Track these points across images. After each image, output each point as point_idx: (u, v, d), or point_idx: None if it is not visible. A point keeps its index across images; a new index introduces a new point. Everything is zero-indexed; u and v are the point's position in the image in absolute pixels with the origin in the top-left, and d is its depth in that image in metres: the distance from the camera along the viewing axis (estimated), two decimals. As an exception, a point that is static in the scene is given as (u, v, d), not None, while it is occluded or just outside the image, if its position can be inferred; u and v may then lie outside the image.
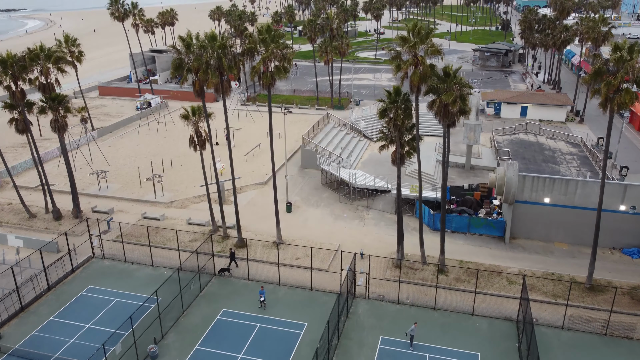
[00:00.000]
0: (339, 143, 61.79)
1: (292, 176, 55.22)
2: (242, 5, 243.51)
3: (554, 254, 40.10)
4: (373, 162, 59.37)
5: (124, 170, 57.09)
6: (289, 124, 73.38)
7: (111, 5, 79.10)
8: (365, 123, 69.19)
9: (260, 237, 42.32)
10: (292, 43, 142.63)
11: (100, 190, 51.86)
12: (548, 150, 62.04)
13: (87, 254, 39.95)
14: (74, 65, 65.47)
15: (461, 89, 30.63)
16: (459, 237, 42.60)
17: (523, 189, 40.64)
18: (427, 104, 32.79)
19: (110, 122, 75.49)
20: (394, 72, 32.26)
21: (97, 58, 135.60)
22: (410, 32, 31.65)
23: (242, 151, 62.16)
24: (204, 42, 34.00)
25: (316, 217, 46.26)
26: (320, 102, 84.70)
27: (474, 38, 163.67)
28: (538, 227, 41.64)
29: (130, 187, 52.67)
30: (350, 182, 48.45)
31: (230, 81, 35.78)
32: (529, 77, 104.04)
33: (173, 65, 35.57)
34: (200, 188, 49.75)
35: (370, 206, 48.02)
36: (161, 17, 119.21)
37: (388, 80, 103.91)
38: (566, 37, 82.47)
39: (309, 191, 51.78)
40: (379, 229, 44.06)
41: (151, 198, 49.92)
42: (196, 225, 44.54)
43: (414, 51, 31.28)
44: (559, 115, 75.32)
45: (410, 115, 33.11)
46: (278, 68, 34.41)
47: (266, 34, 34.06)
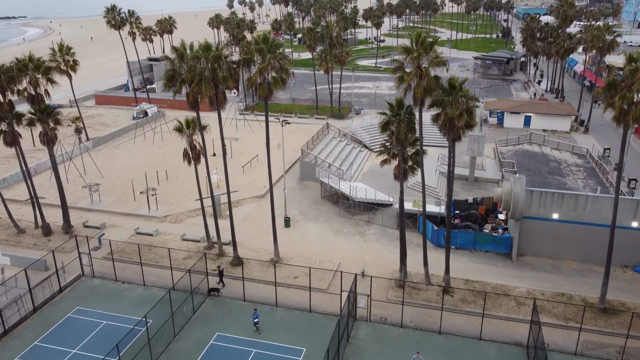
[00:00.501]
0: (338, 154, 60.27)
1: (291, 189, 53.65)
2: (242, 13, 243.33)
3: (563, 273, 38.43)
4: (374, 173, 57.80)
5: (118, 183, 55.50)
6: (288, 134, 71.97)
7: (107, 13, 77.88)
8: (366, 133, 67.74)
9: (257, 254, 40.68)
10: (291, 51, 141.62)
11: (93, 203, 50.26)
12: (553, 162, 60.48)
13: (76, 272, 38.28)
14: (68, 74, 64.23)
15: (467, 102, 29.12)
16: (463, 254, 40.94)
17: (530, 205, 39.05)
18: (432, 117, 31.28)
19: (105, 132, 74.02)
20: (396, 84, 30.78)
21: (95, 66, 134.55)
22: (414, 42, 30.20)
23: (239, 162, 60.62)
24: (197, 53, 32.54)
25: (315, 233, 44.63)
26: (320, 112, 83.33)
27: (475, 46, 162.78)
28: (546, 244, 40.01)
29: (124, 201, 51.06)
30: (351, 196, 46.85)
31: (226, 93, 34.28)
32: (531, 85, 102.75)
33: (166, 76, 34.11)
34: (196, 202, 48.11)
35: (372, 221, 46.41)
36: (159, 25, 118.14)
37: (389, 89, 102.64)
38: (569, 45, 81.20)
39: (308, 205, 50.18)
40: (381, 245, 42.41)
41: (145, 212, 48.31)
42: (191, 242, 42.90)
43: (418, 62, 29.82)
44: (563, 125, 73.87)
45: (414, 128, 31.61)
46: (275, 79, 32.94)
47: (263, 44, 32.61)
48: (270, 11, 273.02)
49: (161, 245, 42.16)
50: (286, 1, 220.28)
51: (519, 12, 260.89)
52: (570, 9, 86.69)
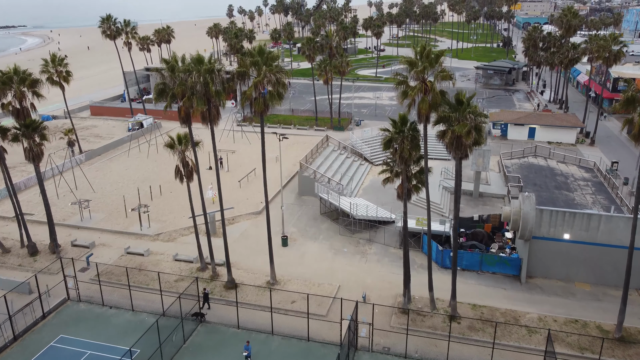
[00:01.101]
0: (338, 168, 58.39)
1: (289, 204, 51.72)
2: (242, 22, 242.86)
3: (576, 296, 36.39)
4: (375, 188, 55.86)
5: (110, 198, 53.56)
6: (286, 146, 70.12)
7: (102, 23, 76.40)
8: (366, 146, 65.92)
9: (252, 276, 38.65)
10: (291, 60, 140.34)
11: (83, 220, 48.29)
12: (560, 176, 58.58)
13: (61, 296, 36.24)
14: (61, 85, 62.57)
15: (476, 118, 27.30)
16: (470, 275, 38.92)
17: (540, 224, 37.10)
18: (437, 133, 29.43)
19: (99, 144, 72.18)
20: (399, 99, 28.97)
21: (92, 76, 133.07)
22: (418, 54, 28.43)
23: (236, 177, 58.76)
24: (189, 66, 30.75)
25: (314, 252, 42.63)
26: (320, 123, 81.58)
27: (476, 55, 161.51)
28: (557, 266, 38.01)
29: (115, 217, 49.10)
30: (351, 214, 44.90)
31: (219, 108, 32.45)
32: (534, 96, 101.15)
33: (156, 90, 32.33)
34: (190, 219, 46.16)
35: (373, 239, 44.42)
36: (157, 34, 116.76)
37: (389, 100, 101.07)
38: (574, 55, 79.65)
39: (307, 222, 48.21)
40: (383, 266, 40.40)
41: (137, 230, 46.34)
42: (183, 262, 40.87)
43: (423, 76, 28.03)
44: (569, 137, 72.08)
45: (418, 146, 29.76)
46: (271, 93, 31.12)
47: (258, 56, 30.84)
48: (270, 20, 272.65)
49: (152, 266, 40.19)
50: (286, 10, 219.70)
51: (519, 22, 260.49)
52: (574, 18, 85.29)
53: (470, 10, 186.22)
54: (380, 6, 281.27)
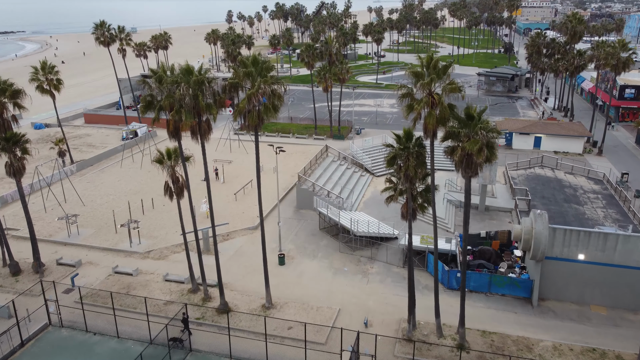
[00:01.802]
0: (338, 180, 56.18)
1: (287, 219, 49.49)
2: (241, 28, 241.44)
3: (592, 321, 34.10)
4: (376, 201, 53.62)
5: (100, 212, 51.30)
6: (285, 156, 67.94)
7: (96, 29, 74.39)
8: (367, 156, 63.74)
9: (247, 298, 36.37)
10: (290, 66, 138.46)
11: (70, 236, 46.03)
12: (569, 188, 56.41)
13: (43, 321, 33.96)
14: (51, 94, 60.54)
15: (488, 134, 25.13)
16: (478, 298, 36.62)
17: (553, 244, 34.86)
18: (445, 150, 27.26)
19: (92, 153, 70.00)
20: (404, 113, 26.81)
21: (88, 82, 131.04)
22: (424, 65, 26.31)
23: (231, 189, 56.54)
24: (177, 77, 28.61)
25: (313, 271, 40.35)
26: (319, 131, 79.44)
27: (477, 61, 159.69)
28: (571, 288, 35.74)
29: (105, 233, 46.84)
30: (352, 230, 42.65)
31: (210, 122, 30.29)
32: (538, 103, 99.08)
33: (143, 102, 30.20)
34: (182, 235, 43.92)
35: (375, 257, 42.15)
36: (154, 40, 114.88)
37: (390, 107, 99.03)
38: (580, 62, 77.65)
39: (305, 238, 45.95)
40: (385, 287, 38.11)
41: (126, 247, 44.08)
42: (174, 283, 38.56)
43: (429, 89, 25.89)
44: (576, 147, 69.93)
45: (424, 163, 27.58)
46: (266, 106, 28.96)
47: (252, 67, 28.71)
48: (270, 26, 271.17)
49: (141, 287, 37.91)
50: (285, 16, 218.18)
51: (519, 27, 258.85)
52: (579, 24, 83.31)
53: (471, 16, 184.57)
54: (380, 12, 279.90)
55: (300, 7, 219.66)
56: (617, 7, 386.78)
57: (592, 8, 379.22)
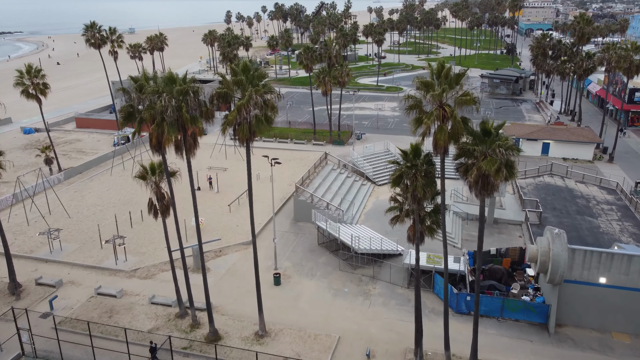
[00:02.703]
0: (338, 190, 53.32)
1: (284, 232, 46.67)
2: (240, 28, 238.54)
3: (615, 351, 31.27)
4: (378, 212, 50.78)
5: (86, 225, 48.44)
6: (283, 163, 65.18)
7: (86, 31, 71.54)
8: (368, 164, 60.85)
9: (239, 324, 33.52)
10: (289, 68, 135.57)
11: (52, 252, 43.19)
12: (580, 198, 53.59)
13: (16, 350, 31.14)
14: (37, 98, 57.73)
15: (507, 153, 22.28)
16: (489, 323, 33.78)
17: (572, 266, 32.03)
18: (458, 169, 24.39)
19: (82, 160, 67.14)
20: (412, 128, 23.97)
21: (81, 85, 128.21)
22: (435, 74, 23.48)
23: (226, 199, 53.69)
24: (158, 87, 25.77)
25: (310, 293, 37.49)
26: (318, 136, 76.58)
27: (479, 62, 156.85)
28: (591, 313, 32.90)
29: (89, 248, 44.00)
30: (353, 247, 39.81)
31: (197, 136, 27.46)
32: (543, 106, 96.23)
33: (122, 114, 27.39)
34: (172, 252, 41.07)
35: (377, 276, 39.31)
36: (149, 41, 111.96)
37: (392, 110, 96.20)
38: (589, 65, 74.84)
39: (303, 254, 43.10)
40: (389, 310, 35.25)
41: (111, 264, 41.24)
42: (160, 306, 35.70)
43: (440, 100, 23.05)
44: (586, 154, 67.10)
45: (434, 182, 24.74)
46: (258, 118, 26.14)
47: (242, 75, 25.87)
48: (269, 26, 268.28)
49: (125, 310, 35.07)
50: (284, 17, 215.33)
51: (521, 28, 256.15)
52: (588, 25, 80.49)
53: (473, 16, 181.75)
54: (381, 12, 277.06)
55: (299, 8, 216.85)
56: (618, 7, 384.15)
57: (594, 8, 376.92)
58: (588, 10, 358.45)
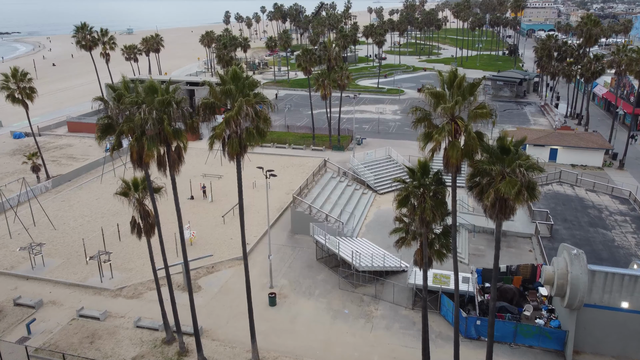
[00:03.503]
0: (337, 200, 50.81)
1: (280, 246, 44.18)
2: (239, 29, 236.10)
3: (639, 382, 28.80)
4: (380, 224, 48.34)
5: (71, 237, 45.93)
6: (280, 169, 62.75)
7: (77, 32, 69.04)
8: (369, 171, 58.29)
9: (230, 351, 31.03)
10: (288, 69, 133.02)
11: (34, 268, 40.66)
12: (592, 208, 51.10)
13: (-13, 381, 28.67)
14: (23, 103, 55.30)
15: (528, 173, 19.78)
16: (501, 350, 31.28)
17: (592, 289, 29.53)
18: (470, 187, 21.86)
19: (71, 167, 64.56)
20: (420, 144, 21.47)
21: (77, 86, 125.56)
22: (446, 85, 20.97)
23: (219, 209, 51.15)
24: (137, 97, 23.25)
25: (308, 315, 34.97)
26: (317, 142, 74.03)
27: (481, 64, 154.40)
28: (612, 340, 30.40)
29: (74, 264, 41.48)
30: (354, 265, 37.29)
31: (182, 151, 24.83)
32: (549, 110, 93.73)
33: (99, 127, 24.90)
34: (161, 269, 38.54)
35: (380, 296, 36.79)
36: (145, 43, 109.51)
37: (393, 114, 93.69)
38: (597, 68, 72.35)
39: (300, 270, 40.57)
40: (393, 335, 32.74)
41: (96, 282, 38.72)
42: (146, 330, 33.18)
43: (452, 113, 20.55)
44: (595, 160, 64.61)
45: (444, 203, 22.23)
46: (249, 131, 23.62)
47: (232, 84, 23.35)
48: (268, 27, 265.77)
49: (108, 335, 32.57)
50: (284, 17, 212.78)
51: (522, 29, 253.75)
52: (595, 27, 78.01)
53: (474, 17, 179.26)
54: (381, 12, 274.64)
55: (299, 8, 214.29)
56: (619, 7, 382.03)
57: (595, 9, 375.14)
58: (589, 10, 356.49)
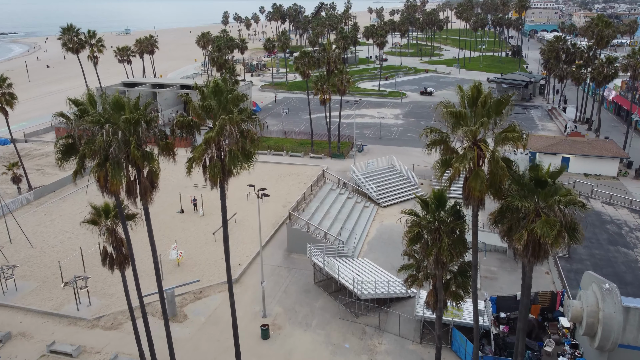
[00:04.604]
0: (337, 214, 47.31)
1: (275, 267, 40.74)
2: (237, 29, 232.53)
3: None
4: (383, 241, 44.90)
5: (50, 257, 42.48)
6: (277, 179, 59.46)
7: (63, 34, 65.52)
8: (371, 182, 54.73)
9: (216, 396, 27.56)
10: (286, 71, 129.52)
11: (6, 293, 37.24)
12: (610, 224, 47.62)
13: None
14: (3, 110, 51.88)
15: (568, 211, 16.31)
16: (522, 394, 27.76)
17: (625, 327, 26.04)
18: (495, 221, 18.36)
19: (56, 176, 61.04)
20: (438, 173, 17.99)
21: (69, 89, 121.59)
22: (468, 103, 17.50)
23: (210, 225, 47.66)
24: (100, 115, 19.75)
25: (305, 349, 31.50)
26: (316, 149, 70.51)
27: (484, 65, 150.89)
28: (647, 384, 26.91)
29: (49, 288, 38.02)
30: (355, 293, 33.79)
31: (155, 178, 21.28)
32: (557, 114, 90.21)
33: (59, 148, 21.43)
34: (144, 296, 35.05)
35: (384, 327, 33.29)
36: (138, 44, 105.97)
37: (395, 118, 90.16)
38: (610, 71, 68.86)
39: (297, 296, 37.08)
40: (399, 375, 29.30)
41: (72, 310, 35.27)
42: (123, 370, 29.76)
43: (475, 137, 17.10)
44: (609, 169, 61.07)
45: (464, 242, 18.74)
46: (233, 154, 20.11)
47: (213, 99, 19.87)
48: (267, 27, 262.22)
49: (80, 375, 29.09)
50: (283, 18, 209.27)
51: (525, 29, 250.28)
52: (607, 28, 74.52)
53: (477, 17, 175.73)
54: (381, 12, 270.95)
55: (298, 8, 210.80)
56: (621, 8, 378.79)
57: (597, 9, 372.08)
58: (591, 10, 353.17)
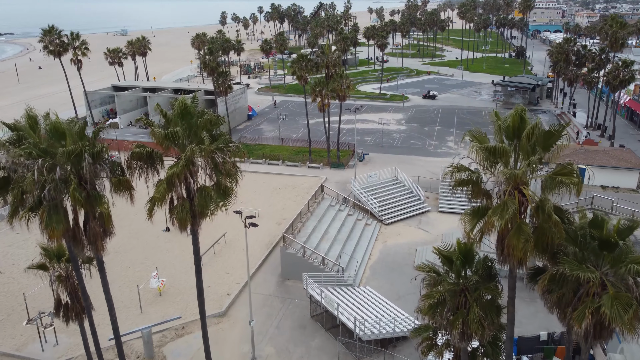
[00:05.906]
0: (336, 234, 43.17)
1: (267, 296, 36.67)
2: (236, 30, 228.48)
3: None
4: (387, 264, 40.85)
5: (19, 284, 38.42)
6: (271, 192, 55.44)
7: (44, 36, 61.38)
8: (373, 197, 50.63)
9: None
10: (284, 73, 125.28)
11: (-36, 330, 33.12)
12: (636, 245, 43.38)
13: None
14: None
15: None
16: None
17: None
18: (542, 291, 14.25)
19: (36, 189, 56.94)
20: (466, 226, 13.88)
21: (60, 93, 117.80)
22: (504, 132, 13.36)
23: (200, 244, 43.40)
24: (35, 145, 15.58)
25: (299, 402, 27.44)
26: (314, 157, 66.38)
27: (488, 67, 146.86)
28: None
29: (13, 323, 33.98)
30: (357, 333, 29.68)
31: (108, 224, 17.12)
32: (567, 119, 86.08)
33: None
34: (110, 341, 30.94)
35: (389, 373, 29.24)
36: (130, 46, 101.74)
37: (397, 123, 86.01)
38: (626, 75, 64.79)
39: (291, 333, 32.98)
40: None
41: (36, 351, 31.26)
42: None
43: (518, 181, 13.01)
44: (628, 181, 57.06)
45: (498, 308, 14.64)
46: (204, 193, 15.98)
47: (179, 124, 15.76)
48: (265, 28, 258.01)
49: None
50: (281, 18, 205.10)
51: (528, 30, 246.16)
52: (622, 29, 70.44)
53: (480, 18, 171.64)
54: (382, 13, 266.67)
55: (297, 9, 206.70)
56: (624, 8, 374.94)
57: (598, 9, 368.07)
58: (594, 10, 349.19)
